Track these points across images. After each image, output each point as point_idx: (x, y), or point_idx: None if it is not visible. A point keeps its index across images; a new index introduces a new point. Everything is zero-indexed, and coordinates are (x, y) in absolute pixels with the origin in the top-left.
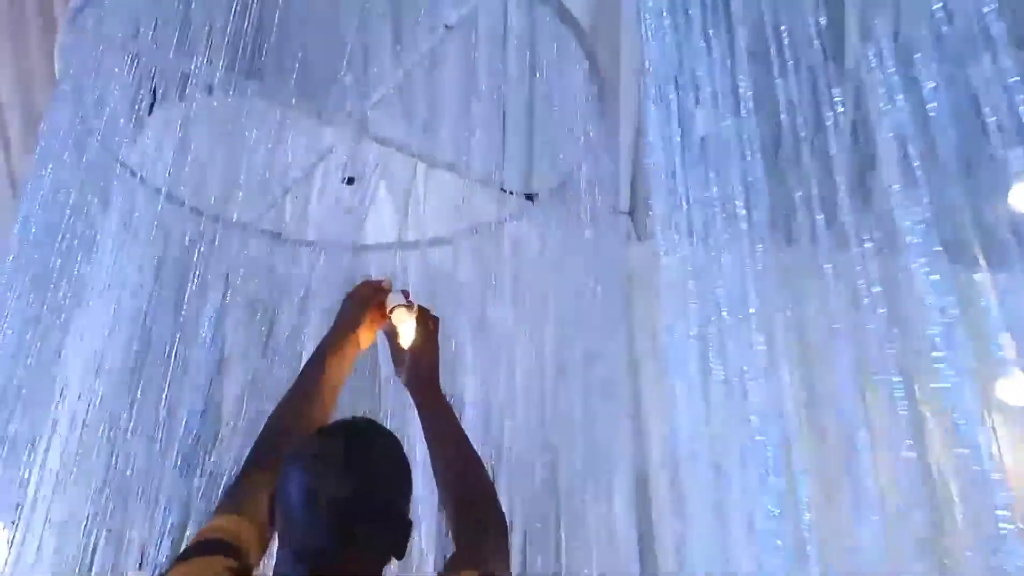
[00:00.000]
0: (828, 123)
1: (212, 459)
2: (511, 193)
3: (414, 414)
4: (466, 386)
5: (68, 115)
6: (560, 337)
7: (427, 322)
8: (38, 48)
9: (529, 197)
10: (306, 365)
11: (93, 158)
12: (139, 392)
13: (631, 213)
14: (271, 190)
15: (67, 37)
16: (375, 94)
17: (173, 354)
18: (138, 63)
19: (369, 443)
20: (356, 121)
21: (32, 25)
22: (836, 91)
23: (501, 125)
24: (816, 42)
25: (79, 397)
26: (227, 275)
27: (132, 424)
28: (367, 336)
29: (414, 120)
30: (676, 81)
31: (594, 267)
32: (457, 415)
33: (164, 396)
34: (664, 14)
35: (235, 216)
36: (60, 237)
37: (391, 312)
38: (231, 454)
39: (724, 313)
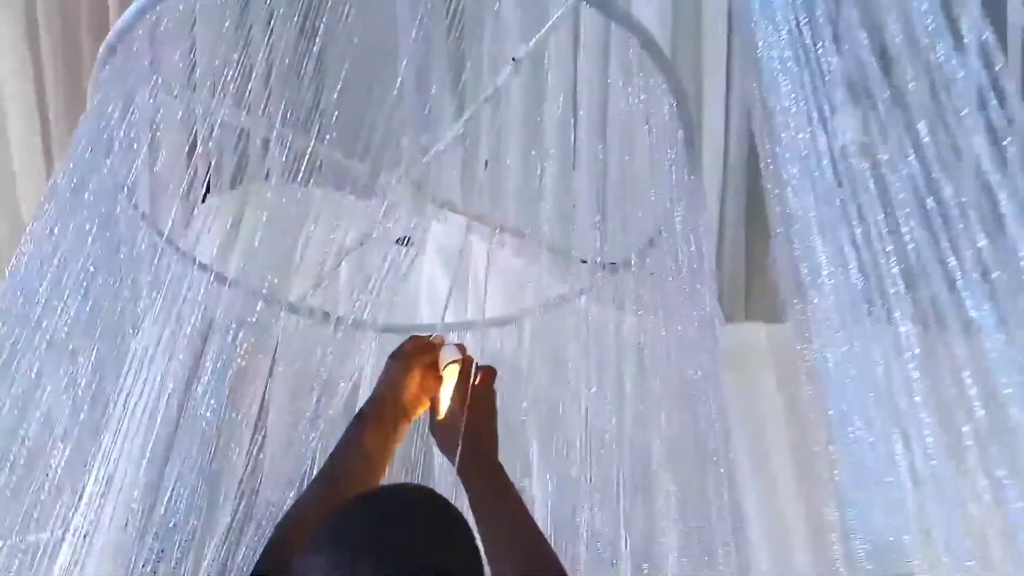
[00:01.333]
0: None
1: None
2: (584, 262)
3: None
4: (531, 488)
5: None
6: (644, 431)
7: (486, 382)
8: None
9: (605, 268)
10: (338, 446)
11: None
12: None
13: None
14: (320, 269)
15: (98, 74)
16: (432, 151)
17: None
18: (184, 117)
19: (419, 519)
20: (413, 182)
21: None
22: (979, 139)
23: (571, 183)
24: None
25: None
26: (273, 356)
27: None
28: (417, 404)
29: (474, 181)
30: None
31: (685, 350)
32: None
33: (199, 483)
34: (786, 51)
35: (282, 295)
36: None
37: (444, 369)
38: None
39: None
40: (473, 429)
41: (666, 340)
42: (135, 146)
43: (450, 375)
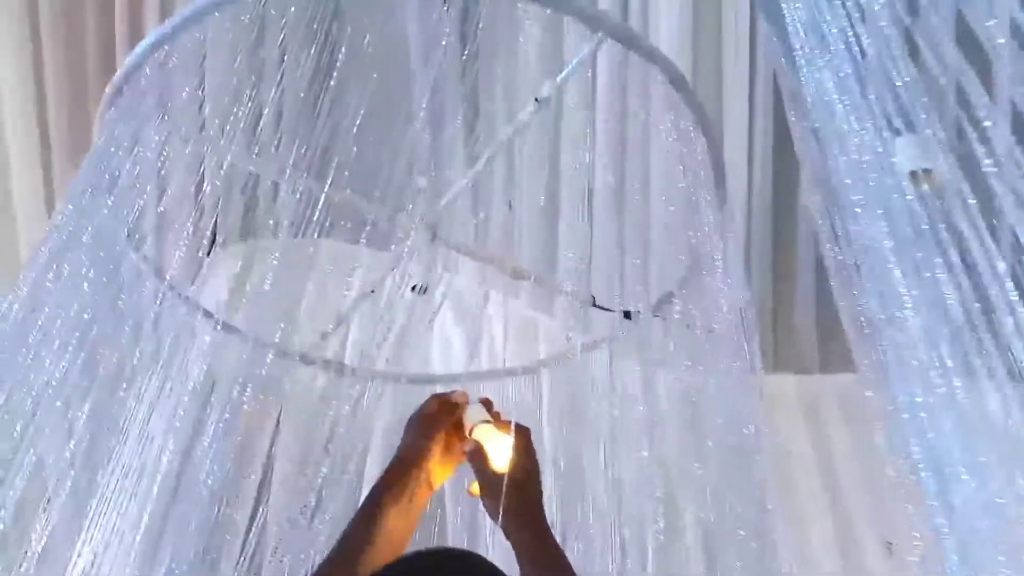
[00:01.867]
0: None
1: None
2: (604, 309)
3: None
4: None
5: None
6: (671, 490)
7: (522, 437)
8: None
9: (627, 315)
10: (357, 519)
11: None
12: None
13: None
14: (329, 319)
15: (105, 110)
16: (451, 193)
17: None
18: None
19: None
20: (428, 225)
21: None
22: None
23: (590, 227)
24: None
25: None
26: (280, 407)
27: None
28: (442, 470)
29: (489, 225)
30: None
31: (721, 407)
32: None
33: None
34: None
35: (289, 345)
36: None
37: (471, 432)
38: None
39: None
40: (520, 476)
41: (704, 393)
42: (139, 188)
43: (485, 434)
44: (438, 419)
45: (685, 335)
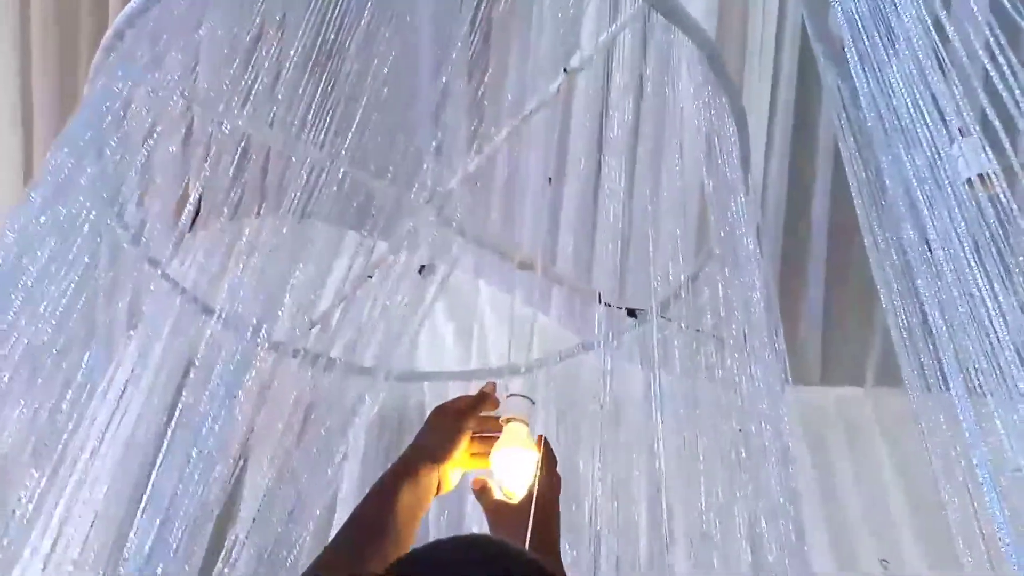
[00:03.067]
0: None
1: None
2: (608, 306)
3: None
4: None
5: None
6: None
7: (549, 457)
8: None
9: (632, 313)
10: (367, 503)
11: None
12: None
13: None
14: (315, 307)
15: (97, 67)
16: (454, 178)
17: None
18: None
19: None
20: (435, 206)
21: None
22: None
23: (593, 216)
24: None
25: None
26: (258, 400)
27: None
28: (457, 477)
29: (490, 213)
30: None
31: (743, 423)
32: None
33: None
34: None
35: (271, 333)
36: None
37: (506, 422)
38: None
39: None
40: (540, 514)
41: (714, 400)
42: (127, 151)
43: (515, 436)
44: (467, 422)
45: (692, 339)
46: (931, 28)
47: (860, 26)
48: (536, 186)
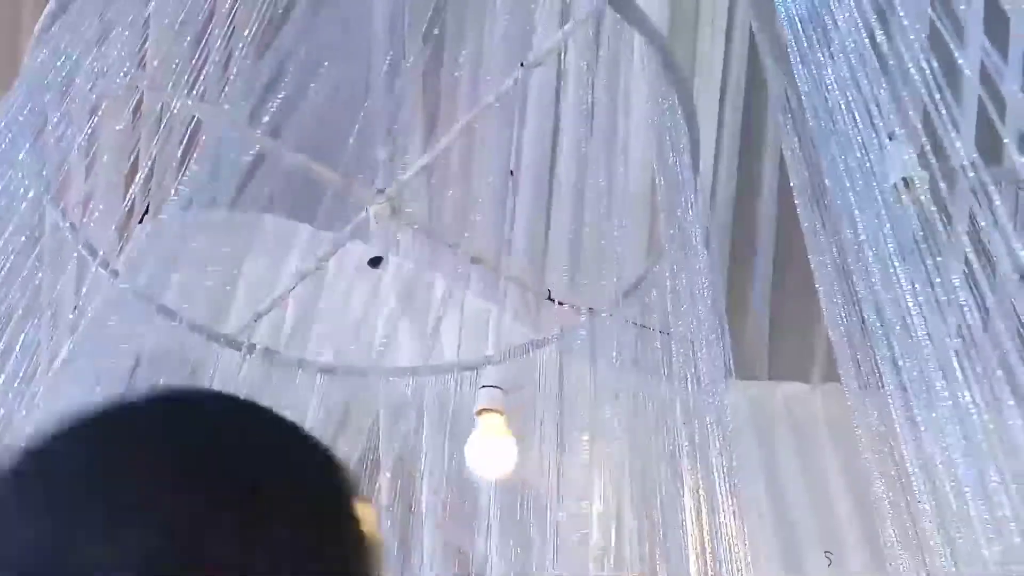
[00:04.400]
0: None
1: None
2: (559, 304)
3: None
4: (489, 550)
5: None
6: (620, 499)
7: None
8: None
9: (585, 311)
10: None
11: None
12: None
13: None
14: (265, 301)
15: (38, 39)
16: (408, 171)
17: None
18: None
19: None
20: (388, 197)
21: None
22: None
23: (546, 212)
24: None
25: None
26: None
27: None
28: None
29: (443, 208)
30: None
31: (688, 417)
32: None
33: None
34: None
35: (220, 331)
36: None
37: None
38: None
39: None
40: None
41: (657, 396)
42: (68, 133)
43: (489, 429)
44: None
45: (642, 336)
46: (864, 33)
47: (800, 28)
48: (492, 180)
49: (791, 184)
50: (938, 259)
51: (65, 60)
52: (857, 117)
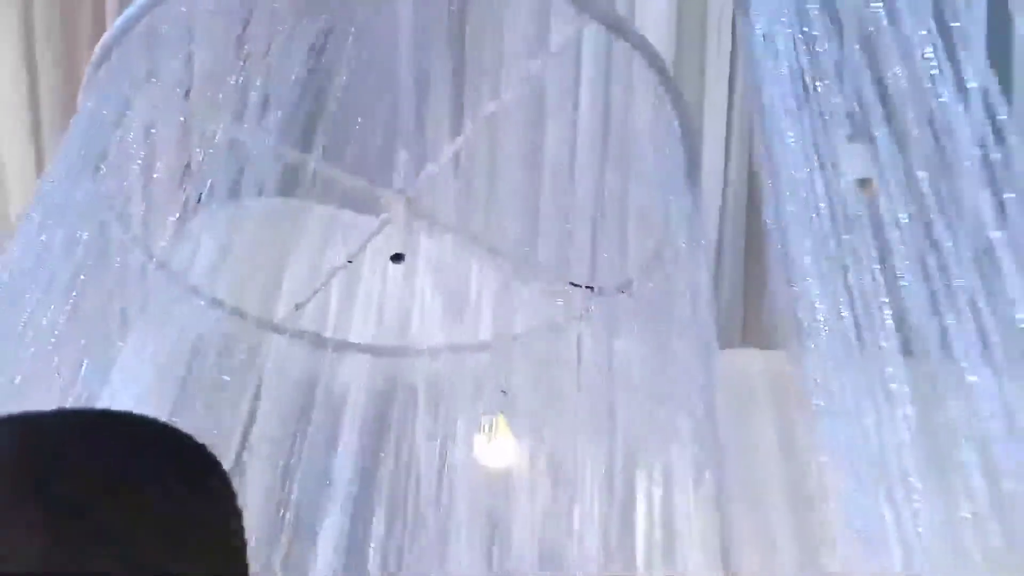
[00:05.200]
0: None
1: None
2: (579, 287)
3: None
4: (519, 513)
5: (71, 165)
6: (631, 462)
7: None
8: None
9: (593, 290)
10: None
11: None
12: None
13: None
14: (310, 289)
15: (91, 78)
16: (429, 169)
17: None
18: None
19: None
20: (408, 199)
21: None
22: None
23: (571, 204)
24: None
25: None
26: (259, 378)
27: None
28: None
29: (470, 200)
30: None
31: (678, 378)
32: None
33: None
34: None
35: (270, 316)
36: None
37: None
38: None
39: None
40: None
41: (660, 367)
42: (126, 155)
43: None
44: None
45: (651, 313)
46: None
47: (772, 30)
48: (513, 179)
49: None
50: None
51: (116, 99)
52: (821, 118)
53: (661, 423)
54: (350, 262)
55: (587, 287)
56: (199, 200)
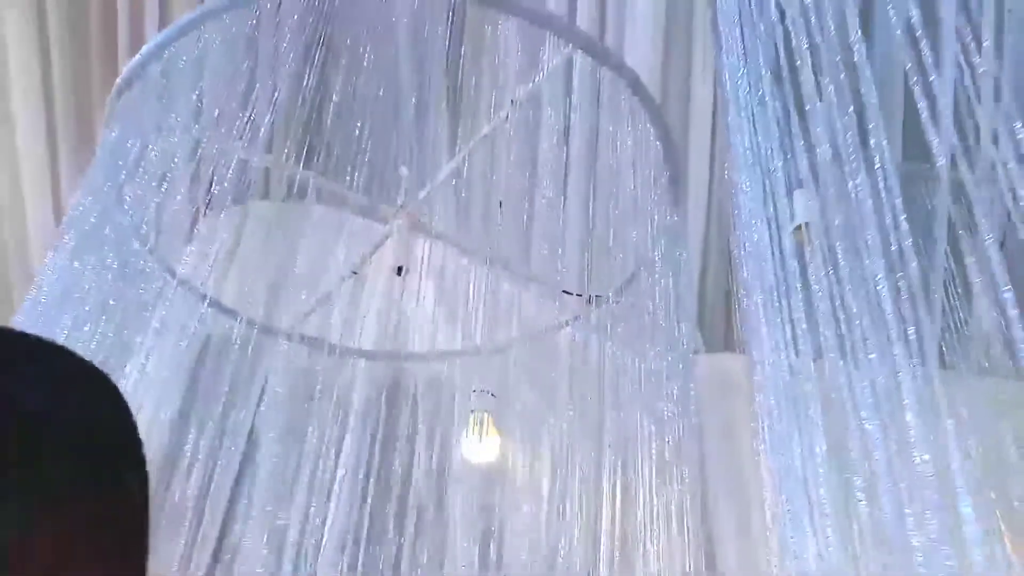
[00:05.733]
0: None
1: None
2: (571, 295)
3: None
4: (517, 504)
5: (98, 190)
6: (622, 456)
7: None
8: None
9: (590, 300)
10: None
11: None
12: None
13: (700, 321)
14: (315, 295)
15: (113, 108)
16: (429, 185)
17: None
18: (189, 149)
19: None
20: (409, 214)
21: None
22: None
23: (561, 218)
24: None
25: None
26: (264, 381)
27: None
28: None
29: (469, 214)
30: (766, 168)
31: (662, 380)
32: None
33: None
34: (747, 91)
35: (276, 321)
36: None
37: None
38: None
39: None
40: None
41: (640, 370)
42: (145, 180)
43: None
44: None
45: (634, 319)
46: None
47: (735, 75)
48: (510, 190)
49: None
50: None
51: (136, 133)
52: (772, 164)
53: (642, 423)
54: (355, 273)
55: (578, 295)
56: (208, 205)
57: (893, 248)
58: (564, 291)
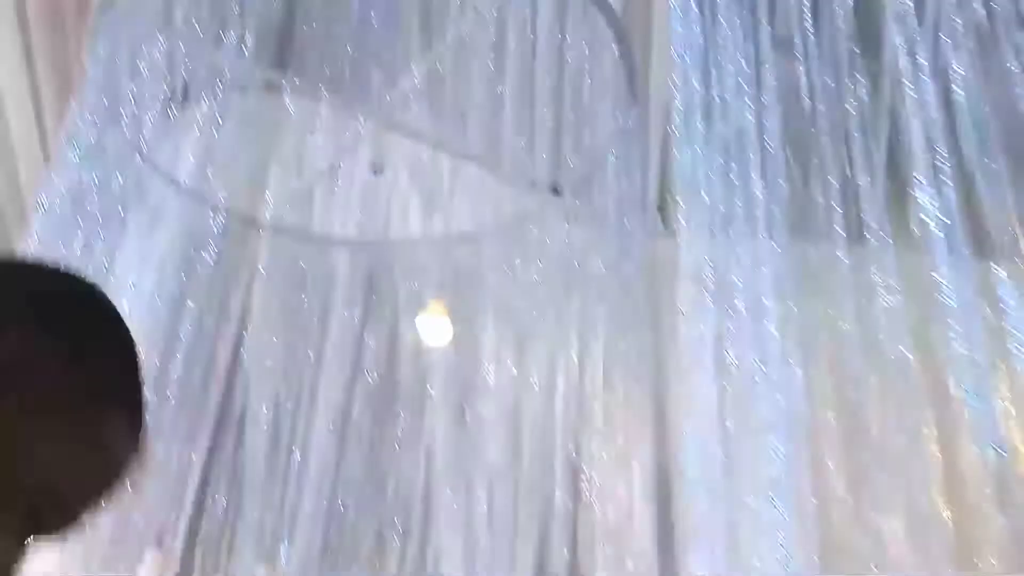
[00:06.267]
0: (853, 114)
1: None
2: (537, 185)
3: None
4: (488, 374)
5: (95, 105)
6: (584, 331)
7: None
8: (75, 33)
9: (556, 191)
10: None
11: (119, 152)
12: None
13: (660, 206)
14: (296, 186)
15: (98, 25)
16: (402, 83)
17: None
18: (169, 56)
19: None
20: (382, 111)
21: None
22: (863, 82)
23: (529, 114)
24: (843, 30)
25: None
26: (251, 273)
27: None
28: None
29: (441, 111)
30: (708, 72)
31: (620, 261)
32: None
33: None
34: (692, 3)
35: (260, 212)
36: (81, 228)
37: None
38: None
39: (741, 308)
40: None
41: (600, 255)
42: (132, 89)
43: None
44: None
45: (601, 207)
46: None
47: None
48: (479, 88)
49: None
50: None
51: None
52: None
53: (604, 306)
54: (330, 169)
55: (546, 187)
56: (184, 97)
57: None
58: (532, 184)
